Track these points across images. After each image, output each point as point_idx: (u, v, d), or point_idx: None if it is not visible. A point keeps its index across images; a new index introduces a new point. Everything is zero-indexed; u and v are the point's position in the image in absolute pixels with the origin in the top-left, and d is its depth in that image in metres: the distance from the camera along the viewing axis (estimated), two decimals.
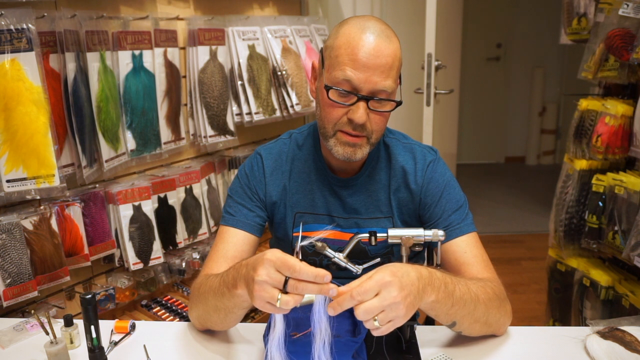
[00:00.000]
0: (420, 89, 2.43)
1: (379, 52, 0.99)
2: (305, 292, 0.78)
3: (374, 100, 1.01)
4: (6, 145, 1.30)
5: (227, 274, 0.94)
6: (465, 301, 0.94)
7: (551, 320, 2.08)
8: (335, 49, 1.02)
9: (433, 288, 0.88)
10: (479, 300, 0.96)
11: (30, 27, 1.29)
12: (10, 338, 1.12)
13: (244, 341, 1.09)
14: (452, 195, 1.15)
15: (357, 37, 0.99)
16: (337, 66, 1.01)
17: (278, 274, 0.79)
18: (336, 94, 1.02)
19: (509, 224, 4.02)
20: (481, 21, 5.09)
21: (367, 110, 1.01)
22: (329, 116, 1.05)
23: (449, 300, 0.91)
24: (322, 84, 1.04)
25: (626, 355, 0.99)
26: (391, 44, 1.00)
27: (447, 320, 0.97)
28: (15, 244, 1.34)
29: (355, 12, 2.88)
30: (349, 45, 1.00)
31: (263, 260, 0.80)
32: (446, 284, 0.91)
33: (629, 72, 1.69)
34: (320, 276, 0.77)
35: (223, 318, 1.02)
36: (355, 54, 0.99)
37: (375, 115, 1.03)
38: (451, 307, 0.92)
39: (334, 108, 1.03)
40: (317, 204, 1.19)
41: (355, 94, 1.00)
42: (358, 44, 0.99)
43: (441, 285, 0.89)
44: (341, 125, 1.04)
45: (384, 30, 1.01)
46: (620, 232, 1.65)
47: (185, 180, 1.87)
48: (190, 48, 1.86)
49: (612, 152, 1.71)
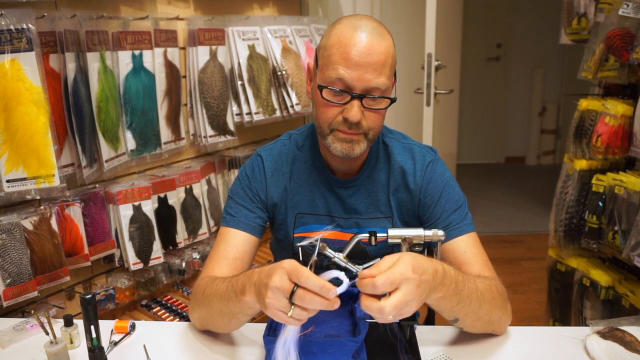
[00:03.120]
0: (420, 89, 2.43)
1: (371, 49, 0.99)
2: (311, 305, 0.77)
3: (368, 98, 1.01)
4: (6, 145, 1.30)
5: (237, 279, 0.94)
6: (471, 300, 0.94)
7: (551, 320, 2.08)
8: (328, 48, 1.02)
9: (443, 286, 0.87)
10: (484, 300, 0.96)
11: (30, 27, 1.29)
12: (10, 338, 1.12)
13: (245, 341, 1.09)
14: (451, 195, 1.15)
15: (349, 36, 1.00)
16: (330, 65, 1.01)
17: (289, 282, 0.79)
18: (330, 93, 1.02)
19: (509, 224, 4.02)
20: (481, 21, 5.09)
21: (362, 108, 1.02)
22: (324, 116, 1.05)
23: (455, 298, 0.91)
24: (317, 84, 1.05)
25: (626, 355, 0.99)
26: (383, 41, 1.00)
27: (450, 316, 0.98)
28: (15, 244, 1.34)
29: (355, 12, 2.88)
30: (341, 44, 1.00)
31: (278, 268, 0.80)
32: (457, 283, 0.90)
33: (629, 72, 1.69)
34: (325, 289, 0.76)
35: (227, 322, 1.02)
36: (347, 52, 0.99)
37: (371, 113, 1.03)
38: (457, 304, 0.92)
39: (329, 107, 1.04)
40: (318, 204, 1.19)
41: (349, 92, 1.00)
42: (350, 42, 0.99)
43: (451, 284, 0.89)
44: (337, 124, 1.04)
45: (375, 27, 1.01)
46: (620, 232, 1.65)
47: (185, 180, 1.87)
48: (190, 48, 1.86)
49: (612, 152, 1.71)
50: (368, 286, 0.78)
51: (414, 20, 2.60)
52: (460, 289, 0.91)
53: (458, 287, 0.91)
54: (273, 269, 0.82)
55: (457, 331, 1.09)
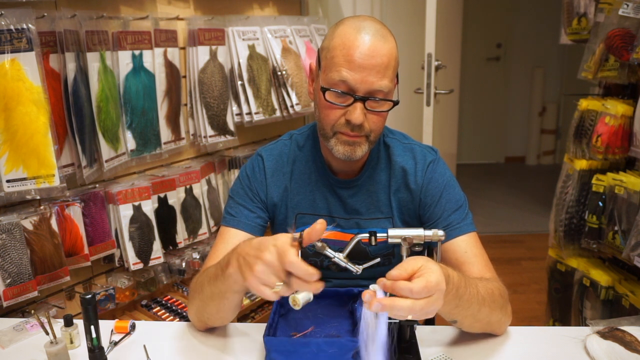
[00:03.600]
0: (420, 89, 2.43)
1: (374, 52, 0.98)
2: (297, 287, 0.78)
3: (370, 101, 1.01)
4: (6, 145, 1.30)
5: (224, 257, 0.94)
6: (470, 304, 0.94)
7: (551, 320, 2.08)
8: (331, 50, 1.02)
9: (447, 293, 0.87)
10: (484, 303, 0.96)
11: (30, 27, 1.29)
12: (10, 338, 1.12)
13: (244, 341, 1.09)
14: (452, 195, 1.15)
15: (352, 38, 0.99)
16: (333, 67, 1.01)
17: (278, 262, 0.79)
18: (333, 95, 1.02)
19: (509, 224, 4.02)
20: (481, 21, 5.09)
21: (364, 110, 1.02)
22: (327, 118, 1.05)
23: (454, 302, 0.91)
24: (319, 86, 1.04)
25: (626, 355, 0.99)
26: (387, 44, 1.00)
27: (448, 318, 0.98)
28: (15, 244, 1.34)
29: (355, 12, 2.88)
30: (344, 46, 0.99)
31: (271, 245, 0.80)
32: (458, 288, 0.90)
33: (629, 72, 1.69)
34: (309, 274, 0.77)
35: (217, 305, 1.01)
36: (350, 54, 0.98)
37: (373, 115, 1.03)
38: (455, 307, 0.92)
39: (332, 109, 1.03)
40: (318, 204, 1.19)
41: (352, 94, 1.00)
42: (353, 44, 0.99)
43: (452, 289, 0.89)
44: (339, 126, 1.04)
45: (379, 29, 1.01)
46: (620, 232, 1.65)
47: (185, 180, 1.87)
48: (190, 48, 1.86)
49: (612, 152, 1.71)
50: (404, 290, 0.78)
51: (414, 20, 2.60)
52: (461, 294, 0.91)
53: (459, 292, 0.90)
54: (263, 243, 0.81)
55: (457, 331, 1.09)
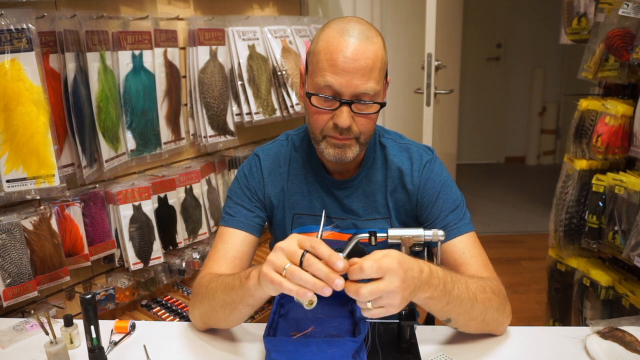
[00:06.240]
0: (420, 89, 2.44)
1: (358, 55, 0.97)
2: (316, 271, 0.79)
3: (357, 103, 1.01)
4: (6, 145, 1.30)
5: (246, 270, 0.97)
6: (462, 300, 0.94)
7: (551, 320, 2.08)
8: (316, 54, 1.01)
9: (430, 286, 0.88)
10: (477, 300, 0.96)
11: (30, 27, 1.29)
12: (10, 338, 1.12)
13: (245, 341, 1.09)
14: (449, 195, 1.15)
15: (336, 42, 0.98)
16: (318, 72, 1.01)
17: (297, 247, 0.81)
18: (319, 100, 1.02)
19: (509, 224, 4.02)
20: (481, 21, 5.09)
21: (351, 113, 1.01)
22: (316, 122, 1.05)
23: (445, 298, 0.91)
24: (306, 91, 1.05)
25: (626, 355, 0.99)
26: (371, 45, 0.99)
27: (441, 316, 0.98)
28: (15, 244, 1.34)
29: (355, 12, 2.88)
30: (328, 50, 0.99)
31: (290, 237, 0.84)
32: (445, 283, 0.91)
33: (629, 72, 1.69)
34: (334, 257, 0.78)
35: (228, 314, 1.02)
36: (334, 59, 0.98)
37: (361, 118, 1.03)
38: (446, 304, 0.93)
39: (319, 114, 1.03)
40: (315, 205, 1.19)
41: (338, 99, 1.00)
42: (337, 48, 0.98)
43: (439, 284, 0.90)
44: (328, 130, 1.04)
45: (363, 31, 1.00)
46: (620, 232, 1.65)
47: (185, 180, 1.87)
48: (190, 48, 1.86)
49: (612, 152, 1.71)
50: (356, 270, 0.80)
51: (414, 20, 2.60)
52: (449, 289, 0.91)
53: (447, 287, 0.91)
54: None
55: (457, 331, 1.09)
